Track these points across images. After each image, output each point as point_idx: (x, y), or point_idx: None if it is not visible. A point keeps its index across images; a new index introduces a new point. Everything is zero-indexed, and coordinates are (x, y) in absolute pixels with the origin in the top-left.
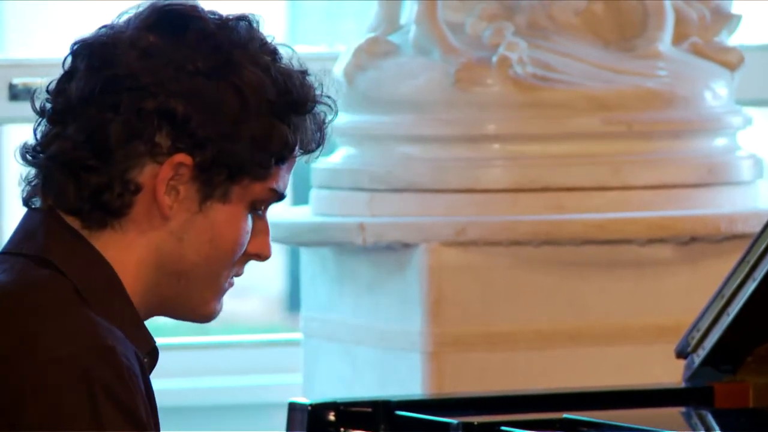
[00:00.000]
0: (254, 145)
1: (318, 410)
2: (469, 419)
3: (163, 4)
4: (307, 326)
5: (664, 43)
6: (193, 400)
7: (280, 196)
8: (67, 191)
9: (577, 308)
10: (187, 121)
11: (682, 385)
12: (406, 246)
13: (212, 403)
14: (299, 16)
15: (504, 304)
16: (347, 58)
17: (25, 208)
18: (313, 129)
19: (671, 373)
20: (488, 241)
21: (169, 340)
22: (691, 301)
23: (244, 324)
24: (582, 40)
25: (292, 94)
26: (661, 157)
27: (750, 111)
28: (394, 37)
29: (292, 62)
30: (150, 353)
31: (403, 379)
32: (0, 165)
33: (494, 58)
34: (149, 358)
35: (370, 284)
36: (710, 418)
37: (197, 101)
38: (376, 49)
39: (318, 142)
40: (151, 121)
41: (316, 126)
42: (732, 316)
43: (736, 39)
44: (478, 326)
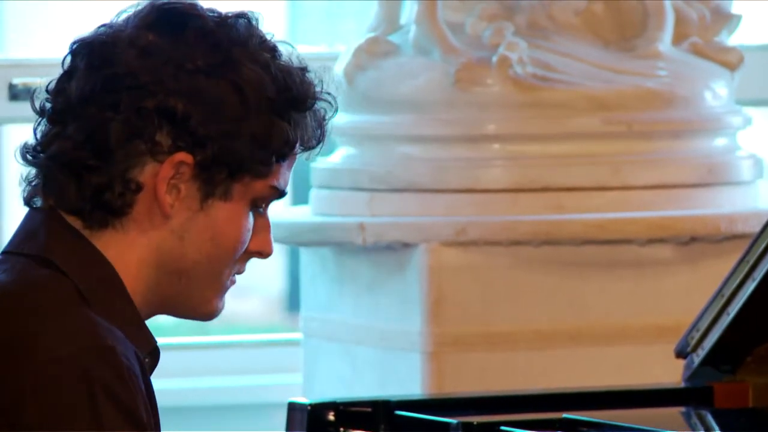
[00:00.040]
0: (255, 142)
1: (318, 410)
2: (469, 419)
3: (162, 3)
4: (307, 326)
5: (664, 43)
6: (193, 400)
7: (281, 194)
8: (68, 191)
9: (577, 308)
10: (187, 119)
11: (682, 385)
12: (406, 246)
13: (212, 403)
14: (299, 16)
15: (504, 304)
16: (347, 58)
17: (26, 208)
18: (313, 126)
19: (671, 373)
20: (488, 241)
21: (169, 340)
22: (691, 301)
23: (244, 324)
24: (582, 40)
25: (292, 91)
26: (661, 157)
27: (750, 111)
28: (394, 37)
29: (291, 59)
30: (151, 353)
31: (403, 379)
32: (0, 165)
33: (494, 58)
34: (150, 358)
35: (370, 284)
36: (710, 418)
37: (197, 99)
38: (376, 49)
39: (318, 139)
40: (151, 120)
41: (317, 123)
42: (732, 316)
43: (736, 39)
44: (478, 326)
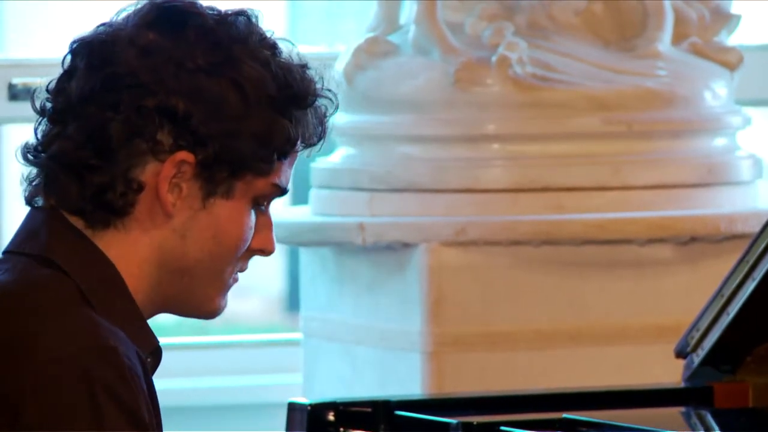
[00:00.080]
0: (256, 140)
1: (318, 410)
2: (469, 419)
3: (162, 1)
4: (307, 326)
5: (664, 43)
6: (193, 400)
7: (282, 191)
8: (70, 191)
9: (577, 308)
10: (188, 118)
11: (682, 385)
12: (406, 246)
13: (212, 403)
14: (299, 16)
15: (504, 304)
16: (347, 58)
17: (28, 208)
18: (314, 123)
19: (671, 373)
20: (488, 241)
21: (170, 340)
22: (691, 301)
23: (244, 324)
24: (582, 40)
25: (293, 89)
26: (661, 157)
27: (750, 111)
28: (394, 37)
29: (291, 56)
30: (153, 353)
31: (403, 379)
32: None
33: (494, 58)
34: (152, 357)
35: (370, 284)
36: (710, 418)
37: (198, 98)
38: (375, 49)
39: (319, 136)
40: (152, 119)
41: (318, 120)
42: (731, 316)
43: (735, 39)
44: (478, 326)
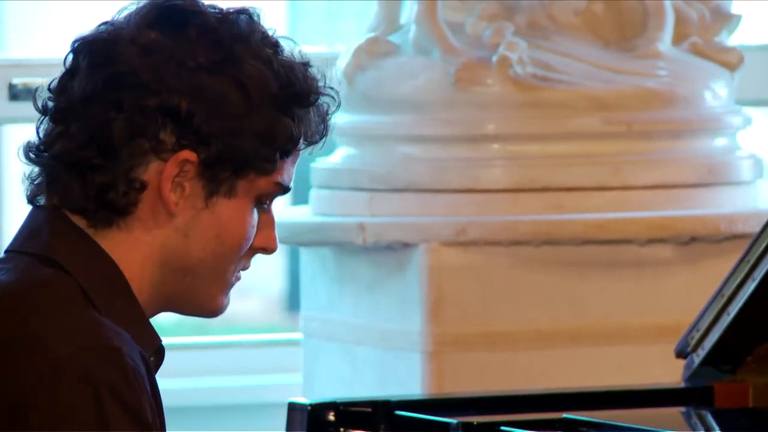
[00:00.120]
0: (259, 139)
1: (318, 410)
2: (469, 419)
3: (163, 0)
4: (307, 326)
5: (664, 43)
6: (194, 400)
7: (285, 189)
8: (73, 190)
9: (577, 308)
10: (190, 117)
11: (682, 385)
12: (406, 246)
13: (212, 403)
14: (299, 16)
15: (504, 304)
16: (347, 58)
17: (30, 207)
18: (316, 121)
19: (671, 373)
20: (488, 241)
21: (170, 340)
22: (691, 301)
23: (244, 324)
24: (582, 40)
25: (295, 87)
26: (661, 157)
27: (750, 111)
28: (394, 37)
29: (293, 54)
30: (156, 352)
31: (403, 379)
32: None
33: (494, 58)
34: (155, 356)
35: (370, 284)
36: (710, 418)
37: (200, 97)
38: (376, 49)
39: (322, 134)
40: (155, 119)
41: (320, 118)
42: (732, 316)
43: (736, 39)
44: (478, 326)
